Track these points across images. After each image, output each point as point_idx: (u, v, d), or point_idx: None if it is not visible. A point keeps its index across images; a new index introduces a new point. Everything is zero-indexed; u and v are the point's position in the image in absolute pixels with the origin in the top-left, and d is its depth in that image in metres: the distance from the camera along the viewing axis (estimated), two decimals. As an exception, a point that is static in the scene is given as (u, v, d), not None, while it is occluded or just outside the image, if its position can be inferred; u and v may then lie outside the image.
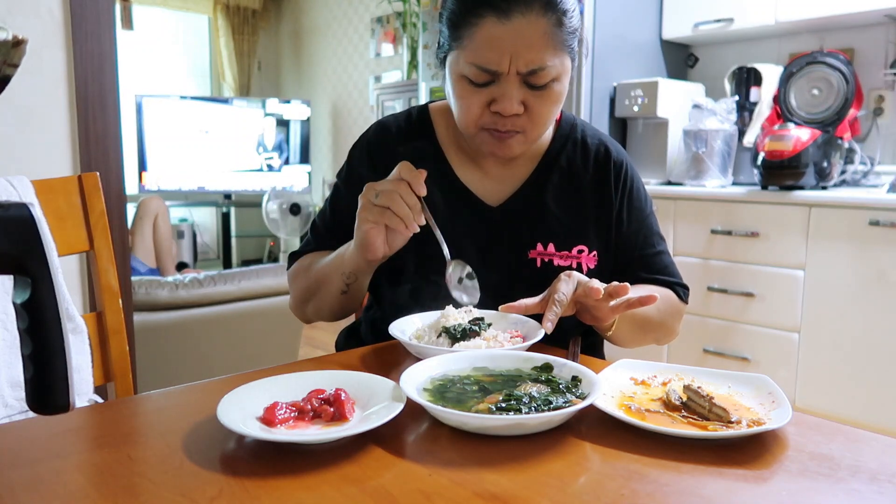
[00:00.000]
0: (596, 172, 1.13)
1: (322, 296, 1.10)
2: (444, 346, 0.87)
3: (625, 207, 1.13)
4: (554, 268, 1.08)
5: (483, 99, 0.98)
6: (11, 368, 1.10)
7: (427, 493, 0.54)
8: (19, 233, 0.50)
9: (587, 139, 1.15)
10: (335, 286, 1.06)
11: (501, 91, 0.96)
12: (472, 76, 0.97)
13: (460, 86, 1.00)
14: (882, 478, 0.58)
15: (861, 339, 2.39)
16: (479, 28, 0.94)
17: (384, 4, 4.89)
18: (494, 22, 0.93)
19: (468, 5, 0.95)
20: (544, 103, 0.99)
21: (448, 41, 1.00)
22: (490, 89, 0.97)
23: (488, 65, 0.95)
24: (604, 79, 3.05)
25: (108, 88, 1.79)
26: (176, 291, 2.27)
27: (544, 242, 1.09)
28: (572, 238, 1.10)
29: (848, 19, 2.74)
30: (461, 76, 0.98)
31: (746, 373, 0.78)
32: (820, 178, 2.56)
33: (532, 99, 0.98)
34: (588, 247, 1.10)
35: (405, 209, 0.92)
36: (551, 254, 1.09)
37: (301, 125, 5.47)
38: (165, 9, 5.67)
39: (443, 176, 1.11)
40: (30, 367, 0.52)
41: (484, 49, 0.94)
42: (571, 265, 1.09)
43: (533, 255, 1.08)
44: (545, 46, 0.94)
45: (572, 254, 1.09)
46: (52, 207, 1.11)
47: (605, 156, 1.14)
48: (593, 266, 1.10)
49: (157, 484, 0.56)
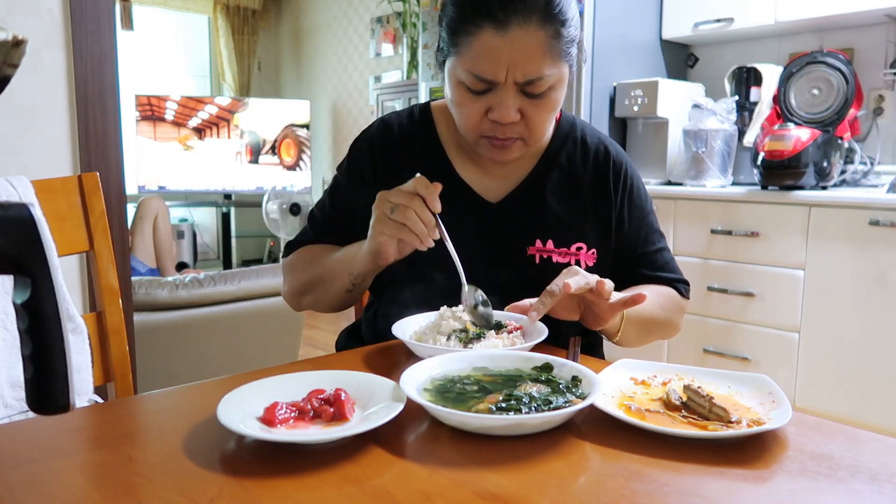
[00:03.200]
0: (595, 172, 1.14)
1: (325, 290, 1.11)
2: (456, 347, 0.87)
3: (625, 207, 1.14)
4: (553, 264, 1.09)
5: (481, 107, 0.99)
6: (11, 368, 1.10)
7: (427, 493, 0.54)
8: (19, 233, 0.50)
9: (587, 138, 1.16)
10: (341, 284, 1.08)
11: (498, 99, 0.97)
12: (469, 84, 0.98)
13: (458, 92, 1.00)
14: (882, 478, 0.58)
15: (861, 339, 2.39)
16: (476, 38, 0.94)
17: (384, 4, 4.89)
18: (492, 33, 0.93)
19: (467, 14, 0.95)
20: (541, 111, 1.00)
21: (447, 46, 1.01)
22: (487, 97, 0.98)
23: (485, 74, 0.95)
24: (604, 79, 3.05)
25: (108, 88, 1.79)
26: (176, 291, 2.27)
27: (543, 239, 1.10)
28: (571, 235, 1.11)
29: (848, 19, 2.74)
30: (459, 82, 0.99)
31: (746, 373, 0.78)
32: (820, 177, 2.56)
33: (529, 107, 0.99)
34: (587, 244, 1.11)
35: (421, 226, 0.92)
36: (550, 250, 1.09)
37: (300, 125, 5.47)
38: (165, 9, 5.67)
39: (444, 173, 1.12)
40: (30, 367, 0.52)
41: (481, 59, 0.95)
42: (570, 262, 1.09)
43: (532, 252, 1.09)
44: (543, 57, 0.94)
45: (571, 251, 1.10)
46: (52, 207, 1.11)
47: (604, 155, 1.15)
48: (592, 264, 1.11)
49: (157, 484, 0.56)
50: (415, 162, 1.13)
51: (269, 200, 5.02)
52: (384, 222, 0.94)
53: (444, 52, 1.02)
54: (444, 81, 1.05)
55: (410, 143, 1.15)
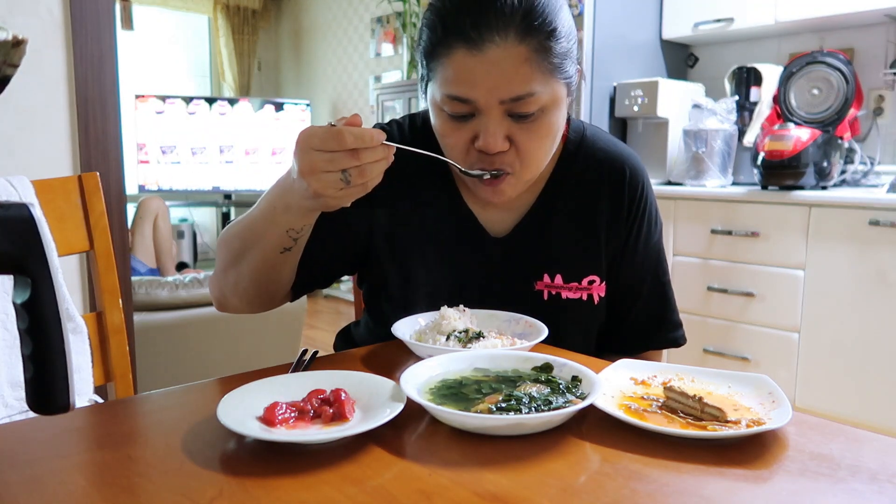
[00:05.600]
0: (611, 192, 1.04)
1: (255, 255, 0.93)
2: (456, 347, 0.87)
3: (633, 235, 1.06)
4: (562, 301, 1.02)
5: (466, 136, 0.91)
6: (11, 368, 1.10)
7: (427, 493, 0.54)
8: (19, 233, 0.50)
9: (597, 153, 1.05)
10: (275, 242, 0.91)
11: (483, 125, 0.88)
12: (449, 109, 0.90)
13: (440, 121, 0.93)
14: (882, 478, 0.58)
15: (861, 339, 2.39)
16: (450, 59, 0.87)
17: (384, 4, 4.89)
18: (465, 53, 0.85)
19: (437, 36, 0.88)
20: (533, 137, 0.90)
21: (425, 72, 0.93)
22: (472, 124, 0.90)
23: (462, 94, 0.87)
24: (604, 79, 3.05)
25: (108, 88, 1.79)
26: (176, 291, 2.27)
27: (551, 274, 1.02)
28: (582, 268, 1.03)
29: (848, 19, 2.74)
30: (440, 110, 0.92)
31: (746, 373, 0.77)
32: (820, 177, 2.56)
33: (519, 133, 0.89)
34: (600, 276, 1.04)
35: (380, 170, 0.78)
36: (559, 286, 1.02)
37: (301, 125, 5.47)
38: (165, 9, 5.67)
39: (448, 196, 1.04)
40: (30, 367, 0.52)
41: (457, 80, 0.87)
42: (581, 297, 1.03)
43: (540, 287, 1.03)
44: (528, 73, 0.86)
45: (582, 285, 1.03)
46: (52, 207, 1.11)
47: (619, 175, 1.05)
48: (604, 295, 1.05)
49: (157, 484, 0.56)
50: (417, 180, 1.04)
51: (269, 200, 5.02)
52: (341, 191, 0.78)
53: (425, 80, 0.95)
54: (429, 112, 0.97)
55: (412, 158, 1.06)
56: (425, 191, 1.05)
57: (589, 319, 1.06)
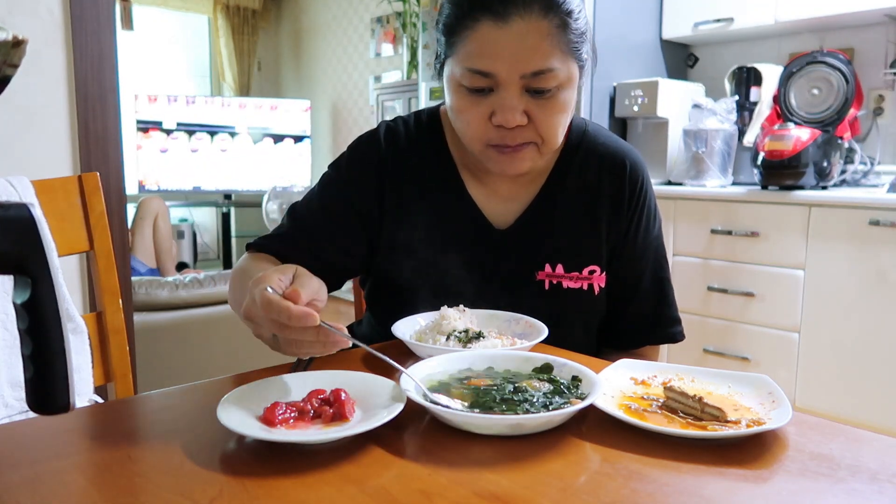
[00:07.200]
0: (611, 185, 1.07)
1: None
2: (456, 347, 0.87)
3: (632, 227, 1.08)
4: (563, 290, 1.04)
5: (483, 111, 0.93)
6: (11, 368, 1.10)
7: (427, 493, 0.54)
8: (19, 233, 0.50)
9: (599, 147, 1.08)
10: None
11: (501, 100, 0.91)
12: (468, 83, 0.92)
13: (458, 97, 0.94)
14: (882, 478, 0.58)
15: (861, 339, 2.39)
16: (474, 31, 0.89)
17: (384, 4, 4.89)
18: (491, 26, 0.88)
19: (463, 9, 0.91)
20: (550, 113, 0.93)
21: (444, 49, 0.96)
22: (490, 99, 0.92)
23: (484, 68, 0.89)
24: (604, 79, 3.05)
25: (108, 88, 1.79)
26: (176, 291, 2.27)
27: (552, 264, 1.04)
28: (583, 258, 1.05)
29: (848, 19, 2.74)
30: (458, 85, 0.93)
31: (746, 373, 0.78)
32: (820, 177, 2.56)
33: (536, 109, 0.92)
34: (600, 266, 1.06)
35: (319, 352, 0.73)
36: (560, 275, 1.04)
37: (301, 125, 5.47)
38: (165, 9, 5.67)
39: (454, 188, 1.06)
40: (30, 367, 0.52)
41: (480, 53, 0.89)
42: (582, 287, 1.05)
43: (541, 277, 1.04)
44: (549, 49, 0.89)
45: (583, 275, 1.05)
46: (52, 207, 1.11)
47: (620, 168, 1.07)
48: (604, 286, 1.07)
49: (157, 484, 0.56)
50: (423, 173, 1.06)
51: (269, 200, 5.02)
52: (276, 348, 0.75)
53: (442, 57, 0.97)
54: (444, 90, 0.99)
55: (418, 152, 1.07)
56: (431, 182, 1.06)
57: (589, 310, 1.08)
